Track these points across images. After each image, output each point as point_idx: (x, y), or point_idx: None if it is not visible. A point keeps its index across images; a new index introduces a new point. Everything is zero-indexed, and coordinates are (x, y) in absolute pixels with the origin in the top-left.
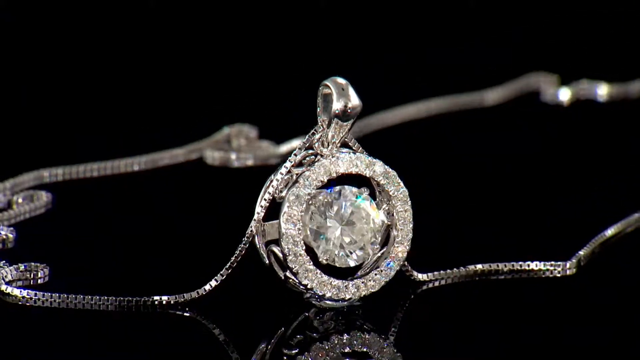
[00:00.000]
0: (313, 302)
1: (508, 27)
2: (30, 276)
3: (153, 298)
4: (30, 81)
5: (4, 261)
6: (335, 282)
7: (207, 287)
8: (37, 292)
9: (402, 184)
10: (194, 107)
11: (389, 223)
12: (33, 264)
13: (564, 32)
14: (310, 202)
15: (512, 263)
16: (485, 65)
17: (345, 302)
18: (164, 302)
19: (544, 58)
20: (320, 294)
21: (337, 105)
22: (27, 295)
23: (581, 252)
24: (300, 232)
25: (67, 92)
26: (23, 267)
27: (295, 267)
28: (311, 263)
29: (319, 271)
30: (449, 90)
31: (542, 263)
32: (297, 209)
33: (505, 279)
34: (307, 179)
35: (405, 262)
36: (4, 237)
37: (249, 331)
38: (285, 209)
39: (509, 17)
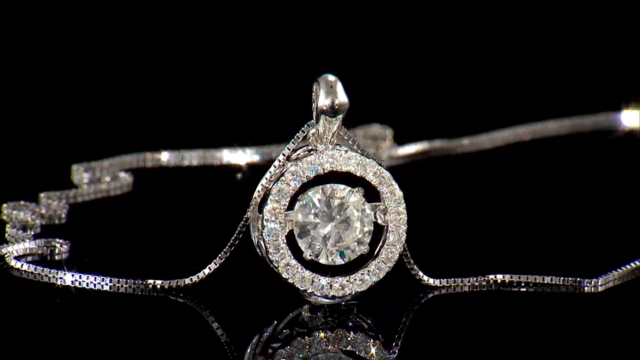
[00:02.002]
0: (306, 298)
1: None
2: (47, 252)
3: (147, 281)
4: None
5: (29, 235)
6: (319, 279)
7: (201, 274)
8: (37, 267)
9: (396, 186)
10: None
11: (383, 224)
12: (56, 240)
13: None
14: (299, 198)
15: (534, 276)
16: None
17: (339, 300)
18: (158, 286)
19: None
20: (301, 289)
21: (323, 102)
22: (27, 269)
23: (610, 274)
24: (282, 225)
25: (181, 85)
26: (43, 242)
27: (275, 260)
28: (292, 257)
29: (300, 266)
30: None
31: (564, 278)
32: (278, 203)
33: (527, 292)
34: (292, 174)
35: (414, 266)
36: (52, 212)
37: (241, 322)
38: (267, 202)
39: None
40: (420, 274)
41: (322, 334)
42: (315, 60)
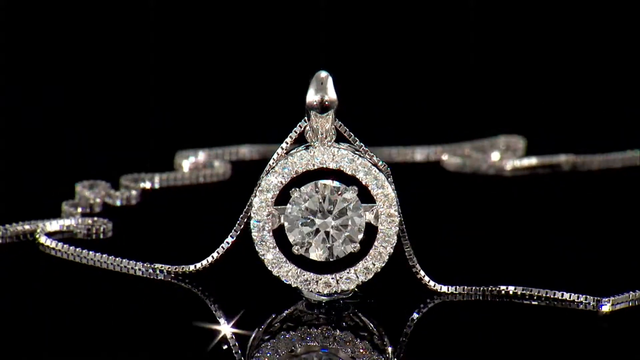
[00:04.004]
0: (301, 294)
1: None
2: (86, 230)
3: (154, 265)
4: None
5: (78, 212)
6: (305, 274)
7: (204, 262)
8: (58, 243)
9: (389, 187)
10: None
11: (375, 224)
12: (100, 219)
13: None
14: (291, 192)
15: (545, 290)
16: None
17: (336, 297)
18: (165, 271)
19: None
20: (285, 283)
21: (312, 98)
22: (50, 244)
23: (624, 295)
24: (269, 218)
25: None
26: (84, 220)
27: (261, 252)
28: (279, 251)
29: (286, 260)
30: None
31: (576, 295)
32: (265, 196)
33: (538, 305)
34: (282, 167)
35: (420, 270)
36: (121, 194)
37: (237, 313)
38: (256, 194)
39: None
40: (427, 279)
41: (310, 330)
42: (315, 60)
